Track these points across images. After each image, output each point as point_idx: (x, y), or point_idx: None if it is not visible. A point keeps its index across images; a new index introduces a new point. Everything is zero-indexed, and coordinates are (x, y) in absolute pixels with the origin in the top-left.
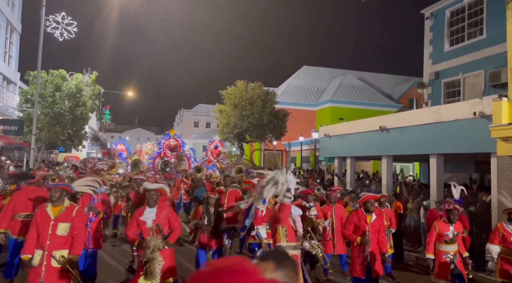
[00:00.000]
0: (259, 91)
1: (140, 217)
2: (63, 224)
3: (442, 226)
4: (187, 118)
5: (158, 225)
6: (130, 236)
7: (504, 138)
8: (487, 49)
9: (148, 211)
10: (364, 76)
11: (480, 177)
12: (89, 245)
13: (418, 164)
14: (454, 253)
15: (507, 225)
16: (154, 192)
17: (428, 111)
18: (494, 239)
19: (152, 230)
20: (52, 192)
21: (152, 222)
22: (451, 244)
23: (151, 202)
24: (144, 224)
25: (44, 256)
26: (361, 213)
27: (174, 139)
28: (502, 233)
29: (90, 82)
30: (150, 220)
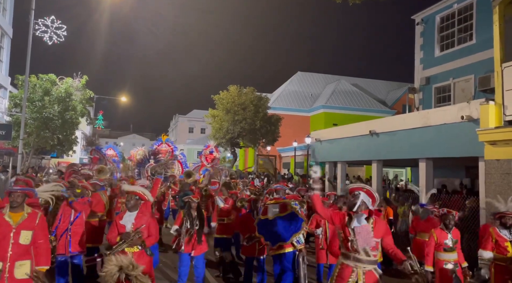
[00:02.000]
0: (252, 96)
1: (120, 220)
2: (26, 231)
3: (440, 234)
4: (182, 124)
5: (137, 229)
6: (112, 241)
7: (491, 142)
8: (477, 54)
9: (128, 214)
10: (358, 82)
11: (471, 182)
12: (70, 250)
13: (410, 169)
14: (454, 262)
15: (500, 230)
16: (132, 195)
17: (417, 115)
18: (487, 245)
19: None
20: (13, 197)
21: (131, 226)
22: (450, 252)
23: (129, 205)
24: (124, 228)
25: (6, 267)
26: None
27: (166, 144)
28: (496, 238)
29: (80, 87)
30: (129, 224)
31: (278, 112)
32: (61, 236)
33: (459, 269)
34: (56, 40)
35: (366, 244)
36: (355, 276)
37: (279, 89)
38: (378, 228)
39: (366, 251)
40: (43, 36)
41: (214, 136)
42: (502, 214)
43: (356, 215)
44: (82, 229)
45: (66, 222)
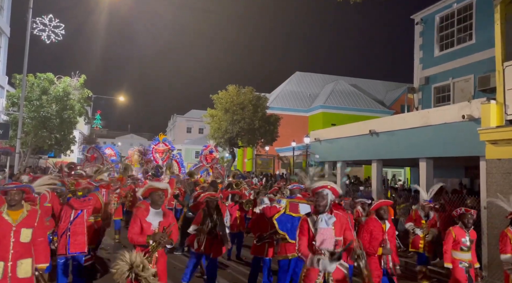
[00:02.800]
0: (251, 96)
1: (145, 218)
2: (26, 229)
3: (459, 232)
4: (180, 124)
5: (164, 228)
6: (137, 239)
7: (493, 142)
8: (477, 54)
9: (154, 212)
10: (356, 82)
11: (470, 182)
12: (69, 250)
13: (409, 169)
14: (469, 262)
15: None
16: (162, 192)
17: (417, 115)
18: (506, 248)
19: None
20: (11, 195)
21: (158, 224)
22: (467, 252)
23: (159, 203)
24: (150, 226)
25: (9, 266)
26: (376, 220)
27: (163, 144)
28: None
29: (78, 86)
30: (156, 222)
31: (277, 112)
32: (61, 236)
33: (472, 269)
34: (54, 39)
35: (327, 246)
36: (322, 277)
37: (278, 89)
38: (338, 226)
39: (329, 251)
40: (41, 35)
41: (213, 136)
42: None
43: (321, 216)
44: (82, 228)
45: (66, 222)
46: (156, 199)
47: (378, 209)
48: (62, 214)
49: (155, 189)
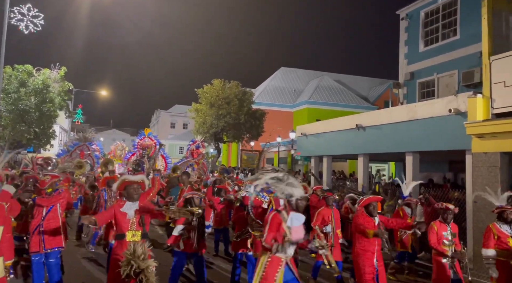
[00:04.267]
0: (236, 91)
1: (121, 208)
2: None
3: (440, 226)
4: (164, 119)
5: (142, 217)
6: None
7: (479, 135)
8: (461, 49)
9: (129, 204)
10: (340, 78)
11: (453, 176)
12: (45, 247)
13: (394, 164)
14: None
15: (500, 225)
16: (137, 185)
17: (404, 109)
18: (490, 242)
19: (134, 223)
20: None
21: (134, 213)
22: (449, 246)
23: (135, 196)
24: (125, 216)
25: None
26: (366, 216)
27: (149, 138)
28: (497, 234)
29: (59, 78)
30: (132, 211)
31: (262, 108)
32: (33, 233)
33: (456, 263)
34: (33, 29)
35: (298, 240)
36: (284, 264)
37: (263, 85)
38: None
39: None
40: (19, 25)
41: (198, 131)
42: (502, 208)
43: (293, 214)
44: (57, 223)
45: (38, 218)
46: (131, 192)
47: (368, 205)
48: (34, 211)
49: (130, 182)
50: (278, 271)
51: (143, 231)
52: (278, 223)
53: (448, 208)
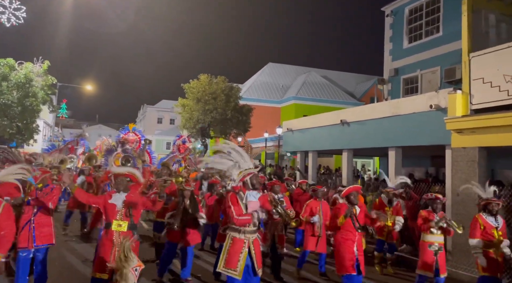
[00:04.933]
0: (223, 86)
1: (109, 200)
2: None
3: (428, 214)
4: (150, 114)
5: (129, 208)
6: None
7: (458, 131)
8: (443, 46)
9: (117, 195)
10: (327, 74)
11: (435, 171)
12: (35, 243)
13: (378, 159)
14: (439, 245)
15: (486, 217)
16: (123, 177)
17: (387, 104)
18: (476, 232)
19: (121, 214)
20: None
21: (122, 204)
22: (437, 234)
23: (120, 187)
24: (114, 207)
25: None
26: (346, 206)
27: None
28: (484, 225)
29: (42, 72)
30: (120, 202)
31: (249, 103)
32: (23, 228)
33: (442, 252)
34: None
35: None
36: (247, 246)
37: (250, 80)
38: (262, 200)
39: (254, 223)
40: (1, 18)
41: (184, 126)
42: (488, 201)
43: (249, 192)
44: (49, 219)
45: (29, 213)
46: (117, 183)
47: (349, 194)
48: (25, 206)
49: (116, 174)
50: (242, 252)
51: (131, 222)
52: (236, 201)
53: (437, 197)
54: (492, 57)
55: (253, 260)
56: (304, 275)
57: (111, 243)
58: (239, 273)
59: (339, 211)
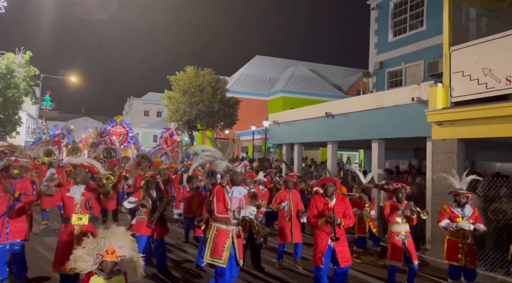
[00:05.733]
0: (210, 78)
1: (67, 193)
2: None
3: (393, 205)
4: (137, 107)
5: (88, 200)
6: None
7: (438, 123)
8: (427, 40)
9: (76, 187)
10: (315, 67)
11: (418, 163)
12: (7, 238)
13: (363, 151)
14: (405, 233)
15: (453, 207)
16: (81, 168)
17: (371, 97)
18: (442, 218)
19: (80, 206)
20: None
21: (80, 197)
22: (402, 224)
23: (77, 179)
24: (72, 200)
25: None
26: (320, 197)
27: (120, 126)
28: (449, 214)
29: (23, 63)
30: (78, 195)
31: (237, 96)
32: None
33: (410, 240)
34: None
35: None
36: (231, 236)
37: (237, 73)
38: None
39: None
40: None
41: (171, 118)
42: (456, 192)
43: (235, 187)
44: (24, 214)
45: (4, 206)
46: (74, 175)
47: (322, 185)
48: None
49: (76, 165)
50: (226, 242)
51: (91, 215)
52: (222, 195)
53: (403, 186)
54: (471, 51)
55: (236, 251)
56: (285, 265)
57: (72, 238)
58: (224, 261)
59: (315, 203)
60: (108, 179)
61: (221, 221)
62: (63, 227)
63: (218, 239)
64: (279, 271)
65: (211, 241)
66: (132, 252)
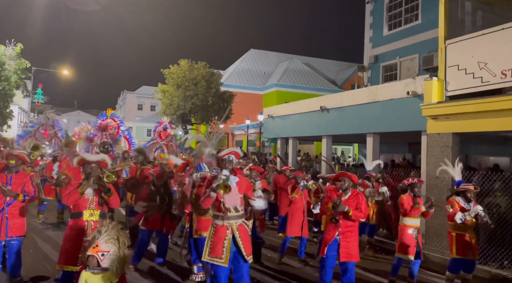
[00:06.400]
0: (204, 72)
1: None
2: None
3: (409, 199)
4: (130, 100)
5: (101, 197)
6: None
7: (433, 117)
8: (422, 34)
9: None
10: (309, 61)
11: (413, 157)
12: (7, 234)
13: (357, 146)
14: (417, 228)
15: (461, 202)
16: (95, 165)
17: (366, 91)
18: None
19: (93, 203)
20: None
21: (93, 192)
22: (415, 218)
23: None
24: (84, 196)
25: None
26: (335, 190)
27: (111, 119)
28: (459, 208)
29: (14, 55)
30: (91, 190)
31: (231, 90)
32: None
33: (419, 235)
34: None
35: (234, 202)
36: (230, 232)
37: (232, 67)
38: (241, 185)
39: (236, 208)
40: None
41: (165, 112)
42: (466, 188)
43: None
44: (22, 209)
45: (1, 202)
46: (88, 171)
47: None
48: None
49: (88, 161)
50: (225, 239)
51: (102, 211)
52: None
53: (420, 180)
54: (467, 45)
55: (240, 246)
56: (285, 261)
57: (82, 234)
58: (225, 261)
59: (328, 194)
60: (109, 177)
61: (217, 216)
62: (72, 223)
63: (215, 236)
64: (279, 267)
65: (209, 239)
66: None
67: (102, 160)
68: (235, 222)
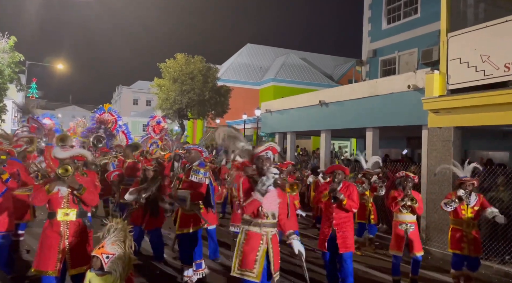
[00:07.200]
0: (200, 66)
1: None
2: None
3: (398, 193)
4: (126, 95)
5: (74, 193)
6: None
7: (435, 111)
8: (421, 28)
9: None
10: (306, 56)
11: (411, 152)
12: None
13: (355, 141)
14: (410, 223)
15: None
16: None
17: (365, 85)
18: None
19: (67, 201)
20: None
21: (67, 189)
22: (406, 213)
23: None
24: (57, 193)
25: None
26: (328, 183)
27: (109, 113)
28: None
29: (8, 49)
30: (65, 188)
31: (228, 85)
32: None
33: (414, 230)
34: None
35: (273, 207)
36: (265, 242)
37: (228, 61)
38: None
39: (274, 215)
40: None
41: (161, 107)
42: (461, 180)
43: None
44: (10, 204)
45: None
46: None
47: (331, 172)
48: None
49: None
50: (259, 249)
51: (80, 209)
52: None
53: (408, 175)
54: (469, 37)
55: (270, 260)
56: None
57: (58, 235)
58: (257, 275)
59: (321, 187)
60: (65, 169)
61: (250, 222)
62: (47, 223)
63: (247, 245)
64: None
65: (239, 248)
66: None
67: (78, 154)
68: (271, 231)
